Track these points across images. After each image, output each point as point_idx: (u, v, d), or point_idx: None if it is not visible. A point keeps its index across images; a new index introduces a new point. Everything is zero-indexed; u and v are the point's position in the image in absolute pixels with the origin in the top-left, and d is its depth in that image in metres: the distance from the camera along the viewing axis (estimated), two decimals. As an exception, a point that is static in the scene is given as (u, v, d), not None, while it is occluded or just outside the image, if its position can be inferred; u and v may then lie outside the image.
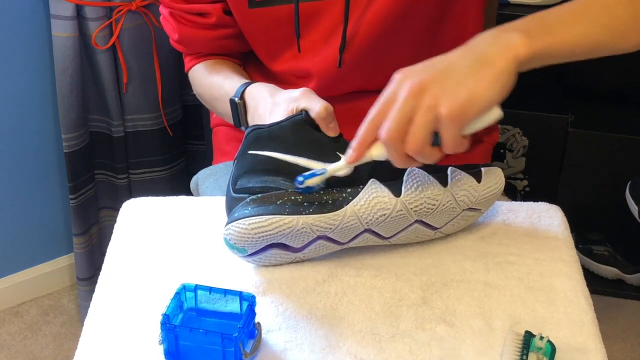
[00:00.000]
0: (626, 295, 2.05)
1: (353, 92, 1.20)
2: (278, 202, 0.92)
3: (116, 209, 1.09)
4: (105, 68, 1.77)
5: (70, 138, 1.81)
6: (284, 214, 0.91)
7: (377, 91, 1.19)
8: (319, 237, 0.94)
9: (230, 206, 0.95)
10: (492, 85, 0.80)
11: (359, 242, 0.96)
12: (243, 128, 1.11)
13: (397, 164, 0.85)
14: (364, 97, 1.20)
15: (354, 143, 0.86)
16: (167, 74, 1.84)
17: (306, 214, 0.91)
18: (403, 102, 0.81)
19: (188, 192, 1.36)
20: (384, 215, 0.93)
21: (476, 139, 1.30)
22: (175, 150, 1.95)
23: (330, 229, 0.92)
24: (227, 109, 1.13)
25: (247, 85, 1.11)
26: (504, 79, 0.81)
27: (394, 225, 0.95)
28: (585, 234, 2.05)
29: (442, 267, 0.97)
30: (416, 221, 0.96)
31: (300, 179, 0.90)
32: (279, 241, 0.93)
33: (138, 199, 1.10)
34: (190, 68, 1.28)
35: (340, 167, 0.89)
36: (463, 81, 0.80)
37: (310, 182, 0.91)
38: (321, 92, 1.01)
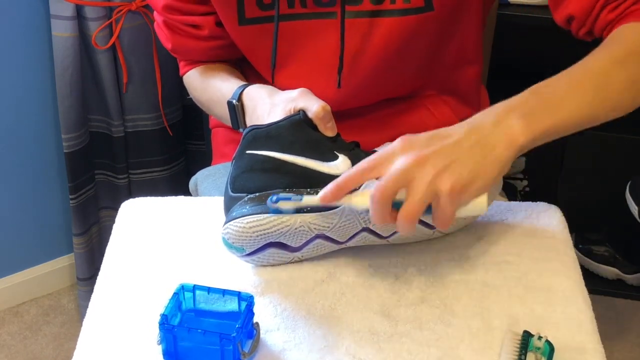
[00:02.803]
0: (626, 295, 2.04)
1: (348, 110, 1.20)
2: (276, 201, 0.92)
3: (116, 209, 1.09)
4: (105, 68, 1.77)
5: (70, 138, 1.81)
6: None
7: (377, 104, 1.19)
8: (317, 236, 0.94)
9: (229, 206, 0.95)
10: (492, 169, 0.84)
11: (358, 242, 0.96)
12: (241, 130, 1.10)
13: (376, 219, 0.84)
14: (359, 115, 1.20)
15: (334, 183, 0.84)
16: (167, 74, 1.84)
17: (304, 212, 0.91)
18: (406, 167, 0.82)
19: (188, 192, 1.36)
20: (382, 214, 0.93)
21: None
22: (175, 150, 1.95)
23: (328, 227, 0.92)
24: (224, 111, 1.12)
25: (244, 87, 1.10)
26: (503, 165, 0.84)
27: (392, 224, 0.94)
28: (585, 234, 2.04)
29: (440, 267, 0.97)
30: (414, 220, 0.95)
31: (274, 197, 0.87)
32: (277, 240, 0.93)
33: (136, 199, 1.10)
34: (185, 73, 1.27)
35: (315, 201, 0.86)
36: (466, 162, 0.82)
37: (283, 204, 0.86)
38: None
